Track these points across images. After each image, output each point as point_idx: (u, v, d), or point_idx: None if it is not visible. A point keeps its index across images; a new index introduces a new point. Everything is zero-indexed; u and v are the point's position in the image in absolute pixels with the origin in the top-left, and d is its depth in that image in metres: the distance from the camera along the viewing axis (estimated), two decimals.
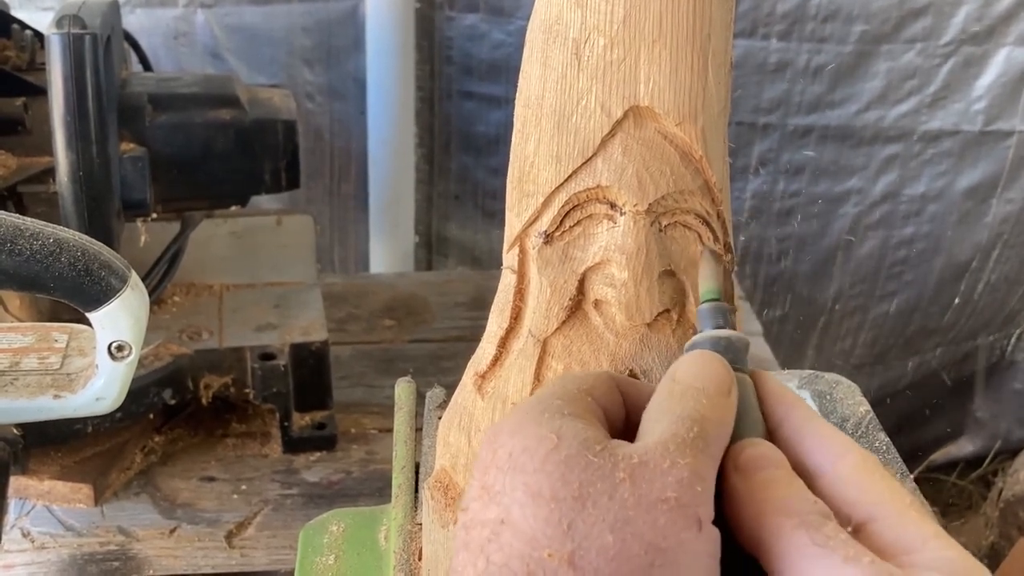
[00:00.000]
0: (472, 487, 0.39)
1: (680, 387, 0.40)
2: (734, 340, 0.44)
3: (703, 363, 0.42)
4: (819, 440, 0.41)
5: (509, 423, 0.39)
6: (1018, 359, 1.89)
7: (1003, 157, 1.69)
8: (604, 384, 0.43)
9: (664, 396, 0.40)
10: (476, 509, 0.38)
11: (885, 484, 0.39)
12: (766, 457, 0.40)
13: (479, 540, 0.37)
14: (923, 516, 0.38)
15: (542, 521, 0.36)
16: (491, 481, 0.38)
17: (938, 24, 1.61)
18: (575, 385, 0.42)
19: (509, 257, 0.53)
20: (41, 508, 1.06)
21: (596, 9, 0.49)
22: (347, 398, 1.25)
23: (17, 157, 1.05)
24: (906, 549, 0.37)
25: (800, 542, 0.36)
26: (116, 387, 0.65)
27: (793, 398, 0.43)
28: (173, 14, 1.63)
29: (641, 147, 0.50)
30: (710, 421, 0.39)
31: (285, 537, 1.05)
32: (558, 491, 0.36)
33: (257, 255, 1.28)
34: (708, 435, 0.38)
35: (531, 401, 0.41)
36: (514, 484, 0.37)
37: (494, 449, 0.39)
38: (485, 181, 1.82)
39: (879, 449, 0.73)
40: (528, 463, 0.37)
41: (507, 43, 1.69)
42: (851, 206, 1.76)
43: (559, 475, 0.36)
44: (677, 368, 0.42)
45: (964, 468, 1.96)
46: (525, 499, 0.36)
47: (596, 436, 0.38)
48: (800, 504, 0.38)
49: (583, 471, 0.36)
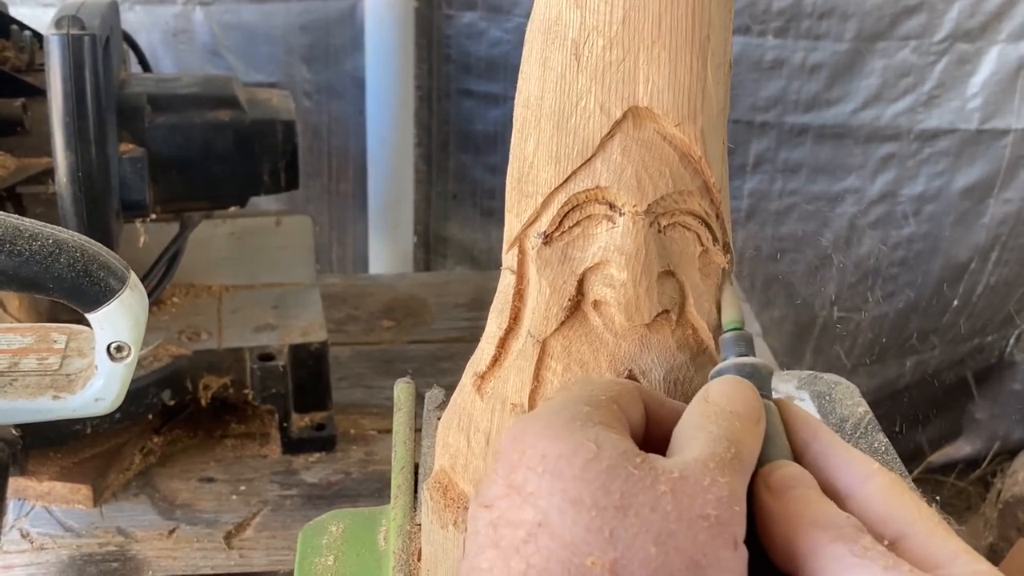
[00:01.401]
0: (495, 484, 0.39)
1: (715, 408, 0.41)
2: (759, 368, 0.45)
3: (735, 388, 0.43)
4: (846, 462, 0.42)
5: (537, 424, 0.39)
6: (1017, 360, 1.89)
7: (1000, 156, 1.69)
8: (629, 393, 0.43)
9: (699, 415, 0.41)
10: (504, 508, 0.38)
11: (914, 504, 0.40)
12: (796, 477, 0.41)
13: (512, 540, 0.37)
14: (951, 533, 0.39)
15: (583, 528, 0.36)
16: (521, 481, 0.38)
17: (932, 21, 1.61)
18: (601, 392, 0.42)
19: (508, 258, 0.53)
20: (40, 509, 1.06)
21: (595, 10, 0.49)
22: (346, 399, 1.25)
23: (16, 158, 1.04)
24: (938, 564, 0.37)
25: (838, 554, 0.37)
26: (115, 388, 0.65)
27: (818, 424, 0.44)
28: (172, 11, 1.63)
29: (640, 148, 0.50)
30: (744, 444, 0.40)
31: (284, 538, 1.05)
32: (599, 499, 0.36)
33: (256, 256, 1.28)
34: (743, 457, 0.39)
35: (558, 404, 0.41)
36: (552, 488, 0.37)
37: (522, 449, 0.39)
38: (484, 180, 1.82)
39: (878, 450, 0.73)
40: (566, 469, 0.37)
41: (505, 41, 1.69)
42: (849, 205, 1.76)
43: (599, 484, 0.37)
44: (709, 390, 0.43)
45: (963, 469, 1.96)
46: (564, 504, 0.36)
47: (634, 448, 0.38)
48: (835, 518, 0.38)
49: (624, 482, 0.37)
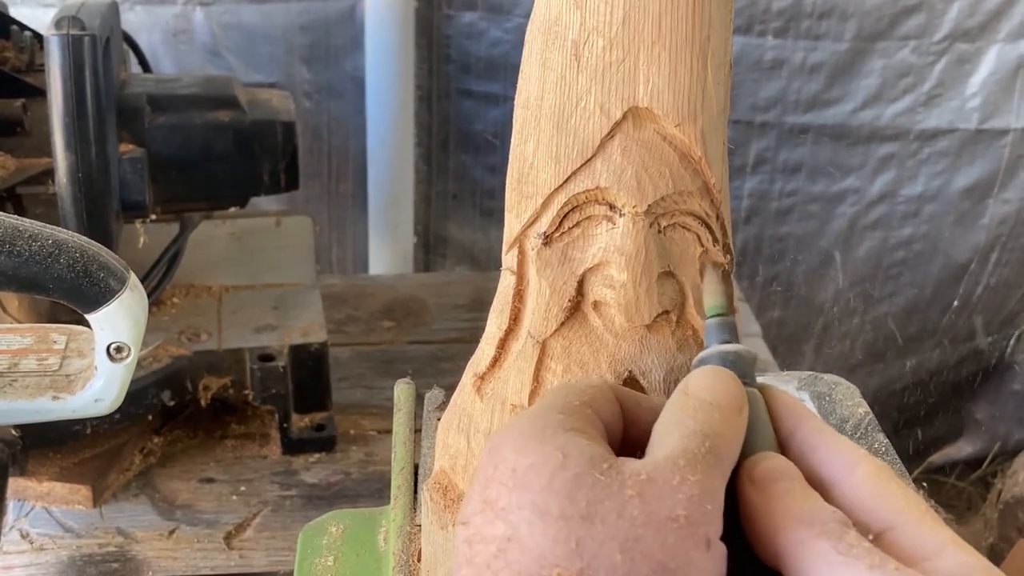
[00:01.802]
0: (472, 500, 0.39)
1: (693, 401, 0.40)
2: (743, 354, 0.43)
3: (715, 378, 0.41)
4: (832, 451, 0.41)
5: (510, 438, 0.39)
6: (1017, 360, 1.89)
7: (999, 156, 1.69)
8: (603, 395, 0.43)
9: (676, 409, 0.40)
10: (479, 524, 0.38)
11: (901, 492, 0.39)
12: (780, 470, 0.40)
13: (484, 556, 0.37)
14: (939, 523, 0.38)
15: (550, 539, 0.36)
16: (494, 496, 0.38)
17: (931, 21, 1.61)
18: (575, 397, 0.42)
19: (508, 258, 0.53)
20: (40, 509, 1.06)
21: (595, 10, 0.49)
22: (346, 399, 1.24)
23: (16, 158, 1.04)
24: (925, 555, 0.37)
25: (822, 551, 0.36)
26: (115, 388, 0.65)
27: (803, 410, 0.42)
28: (172, 12, 1.63)
29: (640, 148, 0.49)
30: (723, 437, 0.39)
31: (284, 538, 1.05)
32: (566, 509, 0.36)
33: (256, 256, 1.28)
34: (720, 451, 0.38)
35: (531, 414, 0.40)
36: (521, 502, 0.37)
37: (495, 463, 0.39)
38: (483, 180, 1.82)
39: (878, 451, 0.73)
40: (535, 481, 0.37)
41: (505, 41, 1.69)
42: (848, 206, 1.76)
43: (566, 493, 0.36)
44: (688, 382, 0.42)
45: (963, 469, 1.96)
46: (533, 517, 0.36)
47: (602, 453, 0.38)
48: (819, 513, 0.37)
49: (591, 489, 0.36)
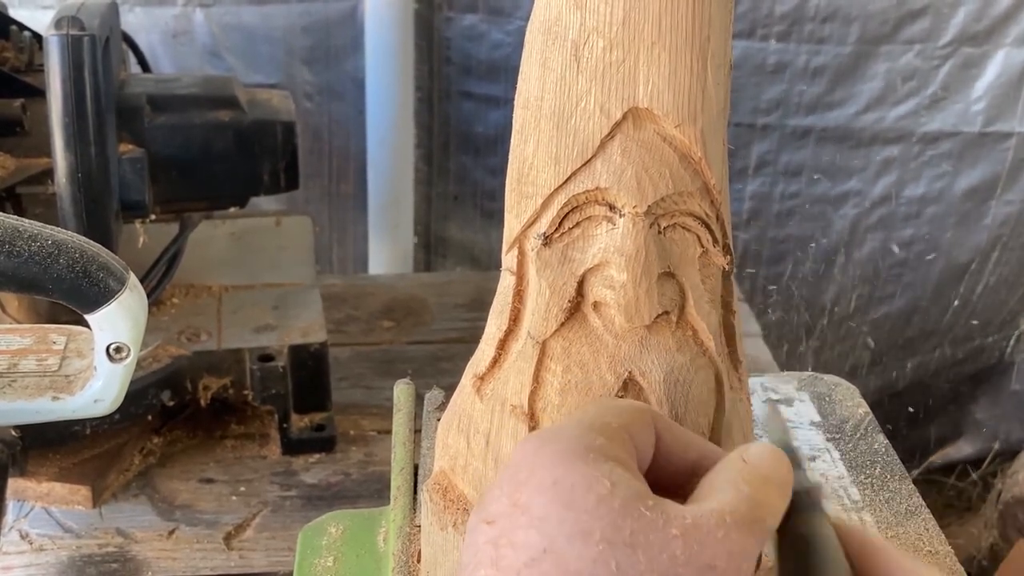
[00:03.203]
0: (499, 501, 0.39)
1: (751, 468, 0.41)
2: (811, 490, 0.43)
3: (776, 459, 0.42)
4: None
5: (551, 449, 0.40)
6: (1017, 360, 1.89)
7: (1002, 159, 1.69)
8: (642, 419, 0.43)
9: (733, 470, 0.41)
10: (507, 527, 0.38)
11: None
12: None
13: (513, 562, 0.37)
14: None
15: (589, 560, 0.36)
16: (526, 501, 0.38)
17: (937, 25, 1.61)
18: (614, 418, 0.42)
19: (508, 259, 0.53)
20: (39, 510, 1.06)
21: (595, 11, 0.49)
22: (346, 400, 1.24)
23: (15, 158, 1.04)
24: None
25: None
26: (114, 389, 0.65)
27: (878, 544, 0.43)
28: (172, 13, 1.63)
29: (640, 149, 0.49)
30: (771, 510, 0.40)
31: (284, 539, 1.05)
32: (609, 534, 0.37)
33: (256, 256, 1.28)
34: (766, 522, 0.40)
35: (572, 432, 0.41)
36: (562, 517, 0.37)
37: (532, 468, 0.39)
38: (484, 181, 1.82)
39: (878, 451, 0.73)
40: (579, 501, 0.38)
41: (506, 43, 1.69)
42: (850, 207, 1.76)
43: (610, 520, 0.37)
44: (750, 450, 0.43)
45: (963, 470, 1.96)
46: (574, 534, 0.37)
47: (647, 491, 0.39)
48: None
49: (636, 521, 0.37)
